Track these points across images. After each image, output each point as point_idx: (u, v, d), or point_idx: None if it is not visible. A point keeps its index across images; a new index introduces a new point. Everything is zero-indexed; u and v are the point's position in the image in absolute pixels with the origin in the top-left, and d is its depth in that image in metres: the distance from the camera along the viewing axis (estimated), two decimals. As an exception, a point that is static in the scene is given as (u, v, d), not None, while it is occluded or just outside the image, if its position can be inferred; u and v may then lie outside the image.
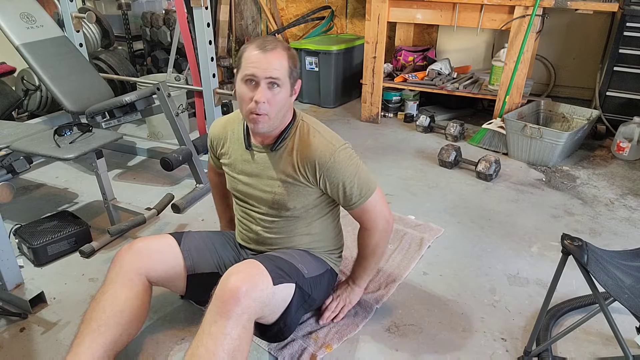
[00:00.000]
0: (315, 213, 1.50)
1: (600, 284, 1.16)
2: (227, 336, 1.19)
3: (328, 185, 1.40)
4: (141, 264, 1.43)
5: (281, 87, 1.29)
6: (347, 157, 1.39)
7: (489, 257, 2.01)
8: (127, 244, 1.48)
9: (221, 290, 1.24)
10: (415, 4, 3.19)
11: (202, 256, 1.54)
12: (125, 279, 1.40)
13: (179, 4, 2.63)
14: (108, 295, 1.38)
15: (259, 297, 1.25)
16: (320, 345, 1.52)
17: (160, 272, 1.46)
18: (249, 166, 1.46)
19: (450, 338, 1.59)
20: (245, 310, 1.22)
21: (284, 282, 1.34)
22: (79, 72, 2.64)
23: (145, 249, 1.45)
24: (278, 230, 1.51)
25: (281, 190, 1.42)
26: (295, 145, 1.39)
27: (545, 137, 2.76)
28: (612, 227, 2.24)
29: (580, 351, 1.54)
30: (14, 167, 1.97)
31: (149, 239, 1.51)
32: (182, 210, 2.30)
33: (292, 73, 1.32)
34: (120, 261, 1.42)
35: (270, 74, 1.26)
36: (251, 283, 1.24)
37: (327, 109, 4.00)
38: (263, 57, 1.25)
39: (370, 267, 1.61)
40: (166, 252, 1.48)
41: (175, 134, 2.49)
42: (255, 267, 1.30)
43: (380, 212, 1.48)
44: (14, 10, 2.53)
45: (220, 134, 1.53)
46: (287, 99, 1.33)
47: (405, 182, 2.68)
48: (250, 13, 4.77)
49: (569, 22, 3.61)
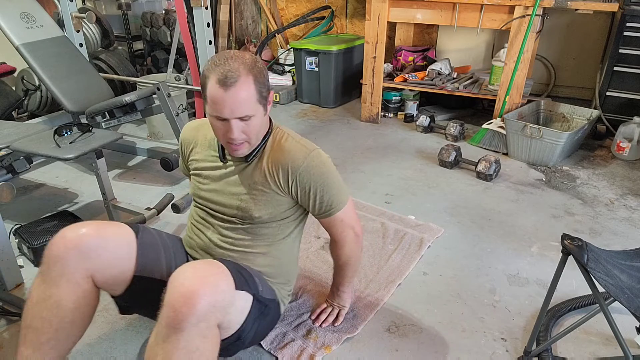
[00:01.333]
0: (278, 229, 1.39)
1: (600, 284, 1.16)
2: (183, 350, 1.03)
3: (299, 191, 1.32)
4: (89, 265, 1.20)
5: (254, 115, 1.20)
6: (321, 162, 1.32)
7: (489, 257, 2.01)
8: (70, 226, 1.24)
9: (172, 294, 1.04)
10: (415, 4, 3.19)
11: (156, 257, 1.33)
12: (71, 283, 1.19)
13: (179, 4, 2.63)
14: (52, 301, 1.18)
15: (220, 301, 1.07)
16: (319, 346, 1.52)
17: (109, 276, 1.24)
18: (218, 172, 1.38)
19: (450, 338, 1.59)
20: (202, 317, 1.03)
21: (245, 290, 1.18)
22: (79, 72, 2.64)
23: (96, 248, 1.21)
24: (234, 241, 1.37)
25: (248, 198, 1.33)
26: (267, 151, 1.33)
27: (545, 137, 2.76)
28: (612, 227, 2.24)
29: (580, 351, 1.54)
30: (14, 167, 1.98)
31: (100, 230, 1.23)
32: (182, 210, 2.30)
33: (262, 94, 1.21)
34: (64, 260, 1.18)
35: (237, 114, 1.17)
36: (210, 283, 1.05)
37: (327, 109, 4.00)
38: (226, 96, 1.14)
39: (349, 275, 1.56)
40: (119, 249, 1.26)
41: (175, 134, 2.49)
42: (215, 264, 1.12)
43: (348, 224, 1.42)
44: (14, 10, 2.53)
45: (191, 138, 1.45)
46: (262, 120, 1.25)
47: (405, 182, 2.68)
48: (250, 13, 4.77)
49: (569, 22, 3.61)
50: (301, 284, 1.81)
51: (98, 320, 1.64)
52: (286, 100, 4.14)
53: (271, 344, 1.52)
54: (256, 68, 1.19)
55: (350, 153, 2.97)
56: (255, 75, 1.18)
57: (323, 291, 1.76)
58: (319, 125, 3.59)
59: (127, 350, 1.52)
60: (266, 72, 1.25)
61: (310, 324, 1.61)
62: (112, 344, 1.55)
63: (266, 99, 1.24)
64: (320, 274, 1.88)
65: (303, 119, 3.73)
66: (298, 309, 1.68)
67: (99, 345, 1.55)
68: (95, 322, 1.63)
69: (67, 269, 1.18)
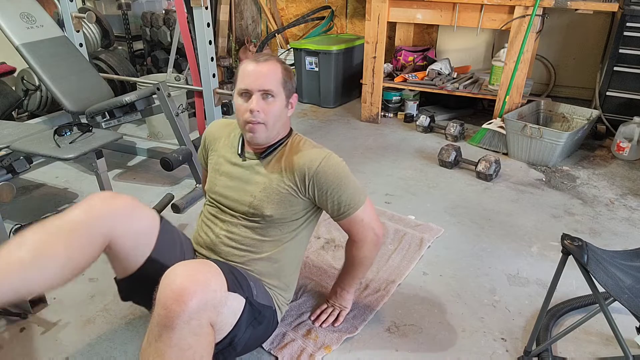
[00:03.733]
0: (286, 233, 1.42)
1: (600, 284, 1.16)
2: (175, 348, 1.02)
3: (317, 192, 1.36)
4: (115, 226, 1.19)
5: (275, 97, 1.30)
6: (337, 163, 1.37)
7: (489, 257, 2.01)
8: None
9: (163, 292, 1.03)
10: (415, 4, 3.19)
11: (172, 247, 1.36)
12: (86, 235, 1.16)
13: (179, 4, 2.63)
14: (65, 216, 1.17)
15: (211, 299, 1.06)
16: (319, 346, 1.52)
17: (125, 248, 1.23)
18: (235, 169, 1.43)
19: (450, 338, 1.59)
20: (193, 315, 1.02)
21: (237, 292, 1.17)
22: (79, 72, 2.64)
23: (129, 214, 1.23)
24: (241, 239, 1.40)
25: (262, 196, 1.37)
26: (285, 153, 1.40)
27: (545, 137, 2.76)
28: (612, 227, 2.24)
29: (580, 351, 1.54)
30: (14, 167, 1.98)
31: (135, 204, 1.27)
32: (182, 210, 2.30)
33: (287, 84, 1.33)
34: (94, 211, 1.19)
35: (262, 86, 1.28)
36: (201, 282, 1.05)
37: (327, 109, 4.00)
38: (256, 69, 1.29)
39: (358, 277, 1.57)
40: (144, 229, 1.28)
41: (175, 134, 2.49)
42: (207, 264, 1.12)
43: (369, 225, 1.43)
44: (14, 10, 2.53)
45: (217, 133, 1.53)
46: (283, 110, 1.35)
47: (405, 182, 2.68)
48: (250, 13, 4.77)
49: (569, 22, 3.61)
50: (301, 284, 1.81)
51: (98, 320, 1.65)
52: (286, 100, 4.14)
53: (271, 344, 1.52)
54: (286, 65, 1.36)
55: (350, 153, 2.98)
56: (285, 67, 1.34)
57: (323, 291, 1.76)
58: (319, 125, 3.59)
59: (127, 351, 1.52)
60: (294, 77, 1.39)
61: (310, 324, 1.62)
62: (112, 344, 1.55)
63: (290, 93, 1.36)
64: (320, 274, 1.88)
65: (303, 119, 3.73)
66: (298, 309, 1.68)
67: (99, 345, 1.55)
68: (95, 322, 1.63)
69: (92, 221, 1.17)
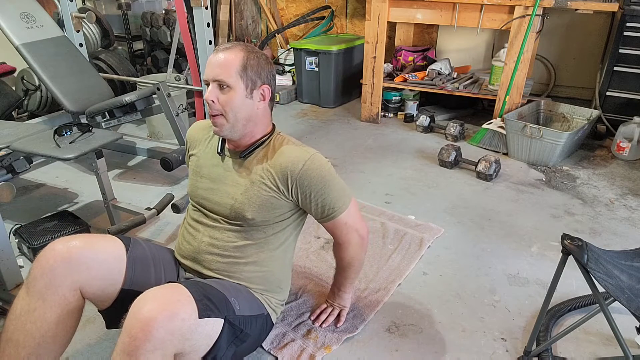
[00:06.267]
0: (271, 235, 1.38)
1: (600, 284, 1.16)
2: None
3: (300, 195, 1.32)
4: (77, 278, 1.19)
5: (231, 87, 1.23)
6: (321, 165, 1.31)
7: (489, 257, 2.01)
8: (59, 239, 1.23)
9: (131, 321, 1.02)
10: (415, 4, 3.19)
11: (145, 272, 1.33)
12: (57, 296, 1.17)
13: (179, 4, 2.63)
14: (37, 315, 1.16)
15: (178, 329, 1.04)
16: (319, 346, 1.52)
17: (97, 289, 1.24)
18: (215, 170, 1.39)
19: (450, 338, 1.59)
20: (158, 345, 1.01)
21: (212, 316, 1.13)
22: (78, 72, 2.64)
23: (85, 260, 1.20)
24: (224, 245, 1.36)
25: (243, 198, 1.32)
26: (267, 153, 1.34)
27: (545, 137, 2.76)
28: (612, 227, 2.24)
29: (580, 351, 1.54)
30: (14, 167, 1.98)
31: (90, 243, 1.25)
32: (182, 210, 2.29)
33: (247, 73, 1.24)
34: (52, 272, 1.17)
35: (217, 76, 1.23)
36: (169, 311, 1.03)
37: (327, 109, 4.00)
38: (214, 58, 1.24)
39: (351, 277, 1.55)
40: (109, 262, 1.25)
41: (175, 134, 2.49)
42: (177, 291, 1.10)
43: (352, 227, 1.41)
44: (14, 10, 2.53)
45: (197, 136, 1.48)
46: (244, 101, 1.25)
47: (405, 182, 2.68)
48: (250, 13, 4.77)
49: (569, 22, 3.61)
50: (301, 284, 1.81)
51: (98, 320, 1.64)
52: (286, 100, 4.14)
53: (271, 344, 1.52)
54: (255, 52, 1.26)
55: (350, 153, 2.97)
56: (248, 55, 1.24)
57: (323, 291, 1.76)
58: (319, 125, 3.58)
59: None
60: (268, 65, 1.29)
61: (310, 324, 1.62)
62: (112, 344, 1.54)
63: (253, 84, 1.26)
64: (320, 274, 1.88)
65: (303, 119, 3.73)
66: (298, 309, 1.69)
67: (99, 345, 1.55)
68: (95, 322, 1.63)
69: (55, 281, 1.17)
